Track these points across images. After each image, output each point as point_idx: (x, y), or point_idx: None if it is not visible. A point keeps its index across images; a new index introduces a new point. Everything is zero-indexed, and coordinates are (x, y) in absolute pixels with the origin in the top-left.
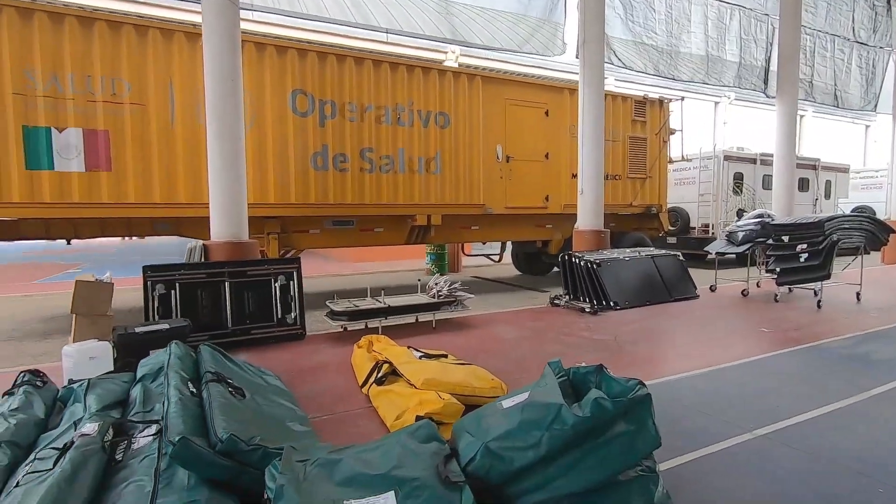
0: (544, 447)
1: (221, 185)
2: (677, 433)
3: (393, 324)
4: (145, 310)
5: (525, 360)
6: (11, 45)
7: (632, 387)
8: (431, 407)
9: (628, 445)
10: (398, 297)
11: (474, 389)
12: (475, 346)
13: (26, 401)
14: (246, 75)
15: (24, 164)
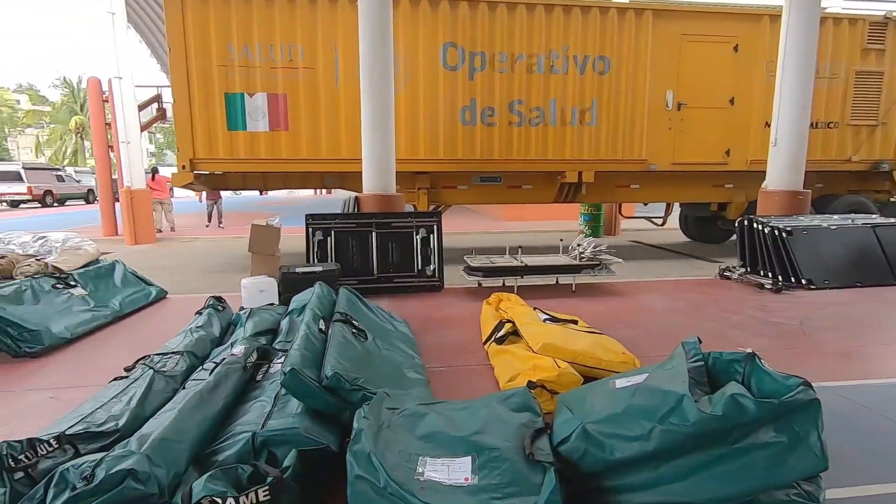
0: (654, 442)
1: (372, 140)
2: (875, 455)
3: (529, 284)
4: (306, 253)
5: (671, 337)
6: (216, 23)
7: (791, 386)
8: (545, 374)
9: (776, 460)
10: (537, 257)
11: (599, 361)
12: (613, 316)
13: (208, 321)
14: (401, 33)
15: (226, 125)
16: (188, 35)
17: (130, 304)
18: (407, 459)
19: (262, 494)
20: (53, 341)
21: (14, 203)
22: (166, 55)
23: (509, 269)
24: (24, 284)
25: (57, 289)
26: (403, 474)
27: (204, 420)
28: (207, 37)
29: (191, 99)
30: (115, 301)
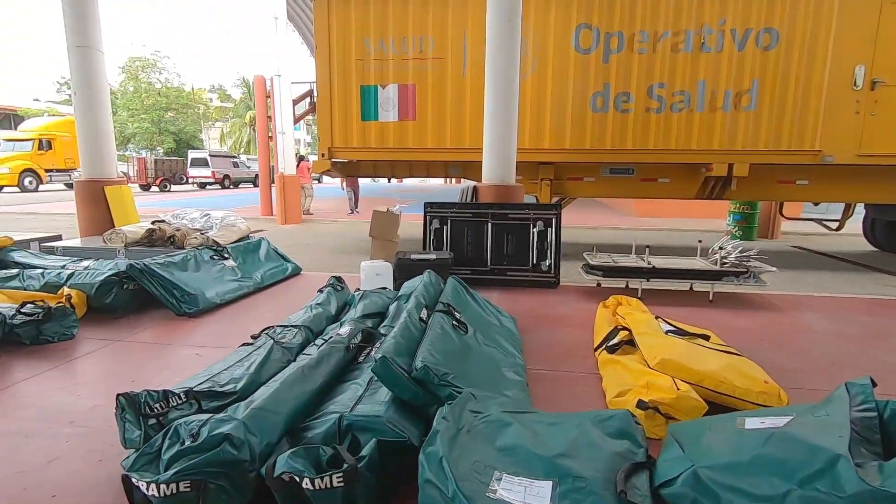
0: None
1: (493, 128)
2: None
3: (658, 288)
4: (423, 240)
5: (834, 370)
6: (356, 20)
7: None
8: (660, 394)
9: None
10: (669, 259)
11: (732, 388)
12: (759, 334)
13: (327, 299)
14: (531, 17)
15: (360, 116)
16: (332, 33)
17: (270, 278)
18: (481, 471)
19: (335, 480)
20: (206, 305)
21: (202, 184)
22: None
23: (633, 271)
24: (189, 254)
25: (213, 260)
26: (474, 487)
27: (302, 395)
28: (348, 34)
29: (331, 92)
30: (257, 273)
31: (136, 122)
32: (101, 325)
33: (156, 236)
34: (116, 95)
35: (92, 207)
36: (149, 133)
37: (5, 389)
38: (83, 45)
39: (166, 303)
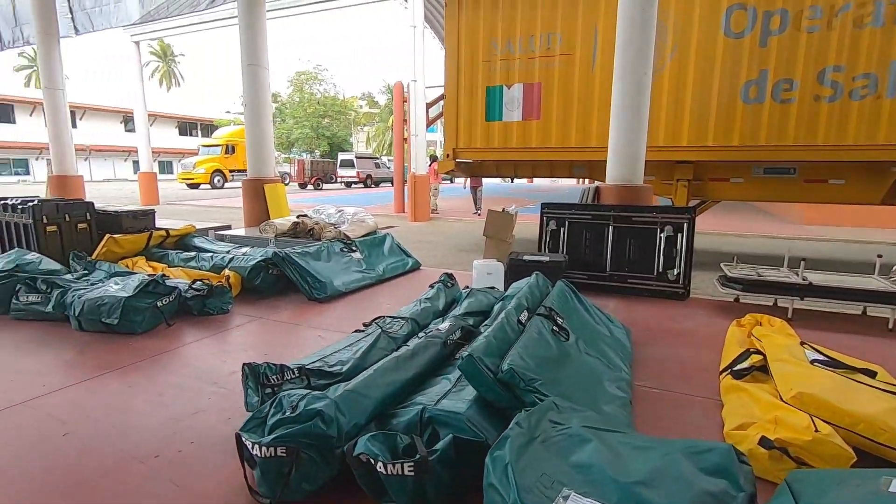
0: None
1: (619, 124)
2: None
3: (816, 309)
4: (538, 242)
5: None
6: (484, 22)
7: None
8: (791, 434)
9: None
10: (834, 276)
11: (892, 438)
12: None
13: (436, 294)
14: (673, 2)
15: (484, 117)
16: (461, 37)
17: (391, 271)
18: (547, 485)
19: (406, 468)
20: (333, 292)
21: (348, 184)
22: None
23: (782, 286)
24: (323, 246)
25: (343, 252)
26: (538, 500)
27: (393, 383)
28: (476, 36)
29: (458, 94)
30: (380, 266)
31: (300, 128)
32: (249, 303)
33: (299, 229)
34: (285, 105)
35: (254, 202)
36: (308, 138)
37: (176, 349)
38: (253, 63)
39: (301, 288)
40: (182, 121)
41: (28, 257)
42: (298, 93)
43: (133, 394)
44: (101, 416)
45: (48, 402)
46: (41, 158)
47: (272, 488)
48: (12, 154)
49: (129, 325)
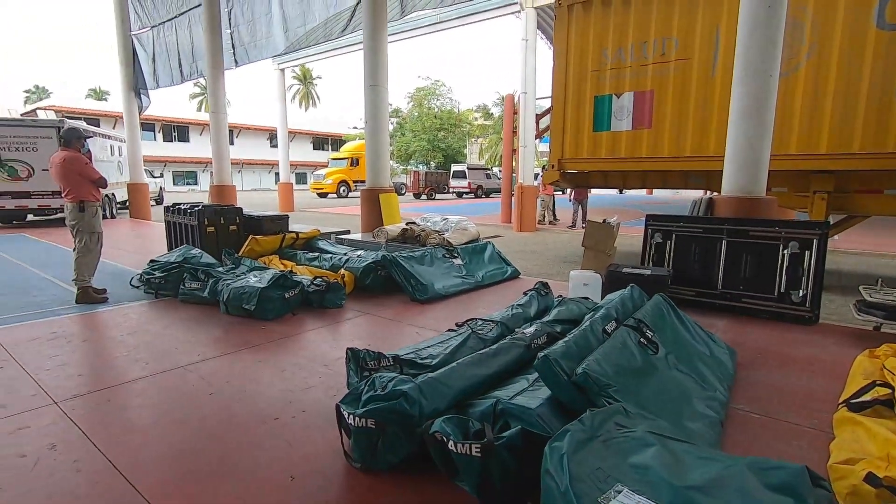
0: None
1: (738, 131)
2: None
3: None
4: (642, 254)
5: None
6: (595, 31)
7: None
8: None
9: None
10: None
11: None
12: None
13: (529, 301)
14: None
15: (591, 127)
16: (570, 46)
17: (490, 278)
18: (601, 479)
19: (474, 449)
20: (433, 294)
21: (459, 194)
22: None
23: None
24: (427, 251)
25: (445, 258)
26: (588, 491)
27: (473, 376)
28: (585, 46)
29: (565, 104)
30: (479, 273)
31: (417, 141)
32: (360, 300)
33: (407, 235)
34: (405, 120)
35: (370, 209)
36: (425, 150)
37: (297, 335)
38: (374, 84)
39: (405, 289)
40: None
41: (192, 252)
42: (418, 108)
43: (261, 368)
44: (237, 382)
45: (201, 367)
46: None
47: (363, 455)
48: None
49: (262, 312)
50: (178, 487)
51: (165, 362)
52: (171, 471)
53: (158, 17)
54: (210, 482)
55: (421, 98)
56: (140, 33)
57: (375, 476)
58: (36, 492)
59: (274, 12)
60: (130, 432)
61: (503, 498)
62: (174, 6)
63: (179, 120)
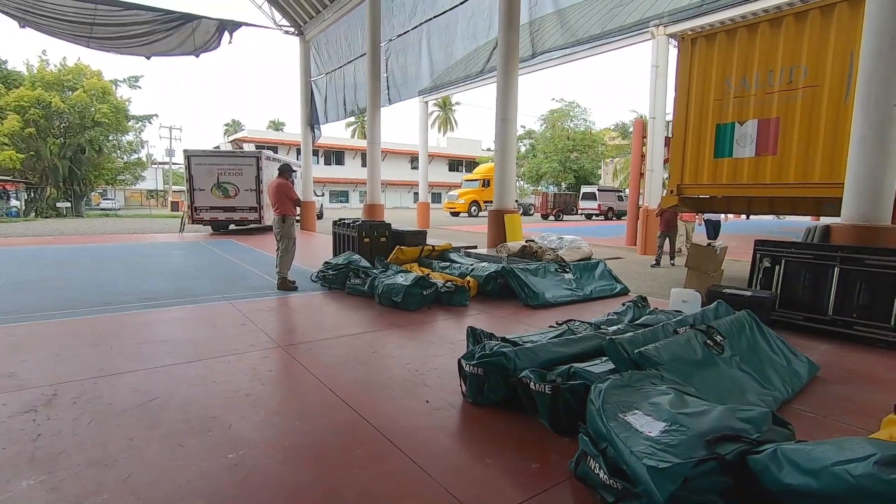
0: None
1: (860, 158)
2: None
3: None
4: (749, 278)
5: None
6: (719, 60)
7: None
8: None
9: None
10: None
11: None
12: None
13: (625, 311)
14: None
15: (712, 154)
16: (693, 75)
17: (598, 293)
18: (625, 406)
19: (547, 388)
20: (543, 302)
21: (588, 215)
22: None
23: None
24: (541, 266)
25: (557, 272)
26: (612, 410)
27: (557, 352)
28: (709, 74)
29: (686, 132)
30: (588, 287)
31: (549, 162)
32: (482, 302)
33: (526, 251)
34: (538, 140)
35: (496, 228)
36: (556, 171)
37: (431, 322)
38: (504, 118)
39: (519, 295)
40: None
41: (354, 257)
42: (550, 129)
43: (406, 340)
44: (390, 347)
45: (364, 336)
46: (356, 190)
47: (474, 394)
48: (340, 187)
49: (406, 304)
50: (359, 397)
51: (340, 331)
52: (352, 389)
53: (331, 65)
54: (378, 399)
55: (554, 120)
56: (317, 79)
57: (482, 408)
58: (276, 393)
59: (423, 56)
60: (328, 366)
61: (566, 426)
62: (344, 56)
63: (338, 146)
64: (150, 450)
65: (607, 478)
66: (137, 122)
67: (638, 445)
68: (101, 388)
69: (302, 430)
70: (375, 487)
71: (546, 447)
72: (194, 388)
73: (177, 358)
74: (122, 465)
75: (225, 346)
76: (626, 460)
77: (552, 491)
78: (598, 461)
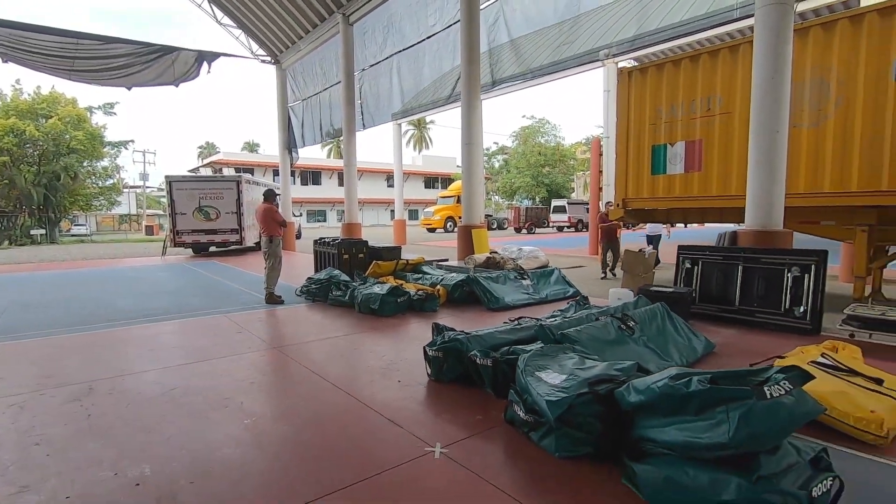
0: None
1: (756, 176)
2: None
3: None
4: (674, 278)
5: None
6: (650, 91)
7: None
8: None
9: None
10: None
11: (831, 409)
12: None
13: (567, 308)
14: (835, 59)
15: (650, 171)
16: (630, 104)
17: (553, 296)
18: (539, 368)
19: (489, 361)
20: (503, 305)
21: (559, 227)
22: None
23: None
24: (502, 274)
25: (516, 278)
26: (531, 370)
27: (502, 338)
28: (644, 102)
29: (628, 152)
30: (544, 292)
31: (522, 177)
32: (449, 308)
33: (490, 261)
34: (511, 156)
35: (465, 242)
36: (529, 185)
37: (405, 325)
38: (469, 142)
39: (482, 300)
40: (427, 176)
41: (335, 272)
42: (523, 145)
43: (381, 340)
44: (367, 347)
45: (346, 337)
46: (333, 209)
47: (436, 373)
48: (317, 206)
49: (382, 311)
50: (344, 381)
51: (325, 334)
52: (338, 375)
53: (308, 92)
54: (360, 381)
55: (526, 136)
56: (294, 105)
57: (442, 384)
58: (276, 381)
59: (394, 85)
60: (317, 361)
61: (504, 391)
62: (319, 83)
63: (314, 166)
64: (181, 421)
65: (524, 414)
66: (113, 147)
67: (544, 390)
68: (129, 383)
69: (301, 404)
70: (360, 438)
71: (488, 406)
72: (206, 381)
73: (187, 359)
74: (163, 430)
75: (227, 349)
76: (535, 401)
77: (488, 432)
78: (519, 406)
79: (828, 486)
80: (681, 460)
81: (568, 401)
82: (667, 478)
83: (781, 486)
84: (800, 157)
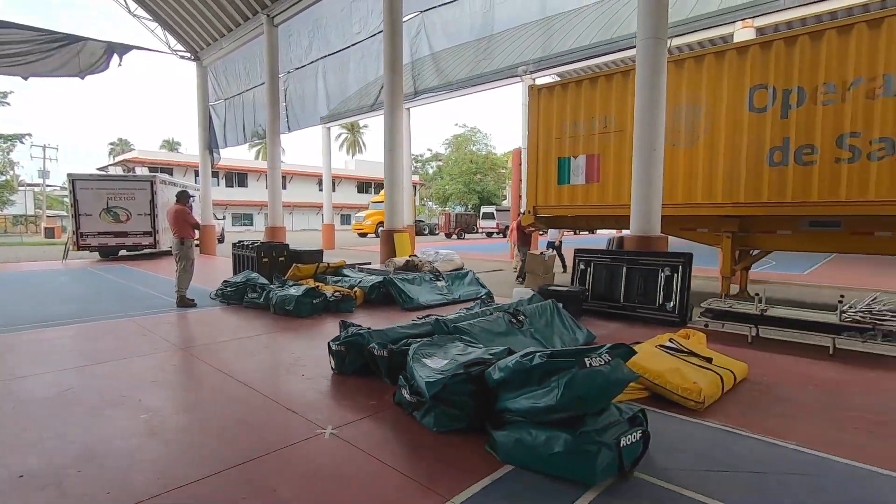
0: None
1: (637, 189)
2: None
3: (775, 338)
4: (571, 278)
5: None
6: (557, 108)
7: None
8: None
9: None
10: (792, 310)
11: (665, 382)
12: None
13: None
14: (704, 88)
15: (556, 181)
16: (540, 118)
17: (466, 296)
18: (426, 355)
19: (385, 352)
20: (417, 305)
21: (489, 233)
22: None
23: (740, 316)
24: (418, 276)
25: (431, 280)
26: (420, 356)
27: (403, 333)
28: (550, 119)
29: (537, 163)
30: (458, 292)
31: (454, 184)
32: (366, 308)
33: (409, 264)
34: (445, 163)
35: (387, 245)
36: (461, 192)
37: (319, 325)
38: (391, 150)
39: (397, 301)
40: (360, 181)
41: (252, 275)
42: (455, 153)
43: (293, 339)
44: (278, 345)
45: (259, 338)
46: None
47: (338, 365)
48: (243, 209)
49: (297, 312)
50: (250, 377)
51: (237, 335)
52: (244, 372)
53: (230, 91)
54: (266, 377)
55: (458, 144)
56: (216, 104)
57: (344, 376)
58: (179, 379)
59: (319, 89)
60: (224, 360)
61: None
62: (243, 83)
63: (240, 168)
64: (74, 418)
65: (410, 396)
66: (6, 141)
67: (426, 373)
68: (20, 385)
69: (203, 398)
70: (256, 424)
71: (383, 393)
72: (104, 381)
73: (86, 361)
74: (55, 427)
75: (130, 350)
76: (418, 383)
77: (378, 414)
78: (406, 389)
79: (637, 437)
80: (529, 424)
81: (443, 381)
82: (517, 440)
83: (599, 439)
84: (678, 173)
